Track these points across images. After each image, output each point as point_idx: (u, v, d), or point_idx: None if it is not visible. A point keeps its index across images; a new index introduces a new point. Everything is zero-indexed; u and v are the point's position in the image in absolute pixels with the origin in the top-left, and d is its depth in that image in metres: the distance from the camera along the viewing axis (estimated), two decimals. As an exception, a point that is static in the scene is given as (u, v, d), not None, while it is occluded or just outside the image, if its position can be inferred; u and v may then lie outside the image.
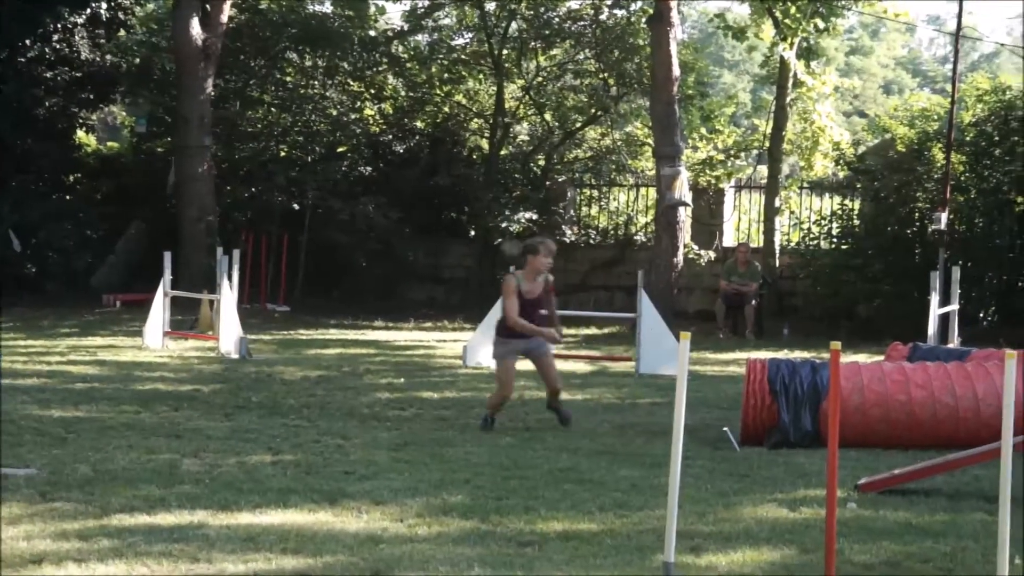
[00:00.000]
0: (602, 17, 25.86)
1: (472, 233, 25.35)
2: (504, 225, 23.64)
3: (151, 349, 16.17)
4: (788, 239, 23.78)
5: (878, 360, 12.40)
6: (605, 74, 25.74)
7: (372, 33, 27.10)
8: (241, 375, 13.92)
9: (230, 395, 12.32)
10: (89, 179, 27.04)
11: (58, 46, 25.48)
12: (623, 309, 20.58)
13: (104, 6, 26.00)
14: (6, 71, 24.07)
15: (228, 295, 16.00)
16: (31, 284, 23.29)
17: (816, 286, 21.91)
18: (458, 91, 27.22)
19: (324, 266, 24.76)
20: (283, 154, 25.24)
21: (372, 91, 26.95)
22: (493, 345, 11.04)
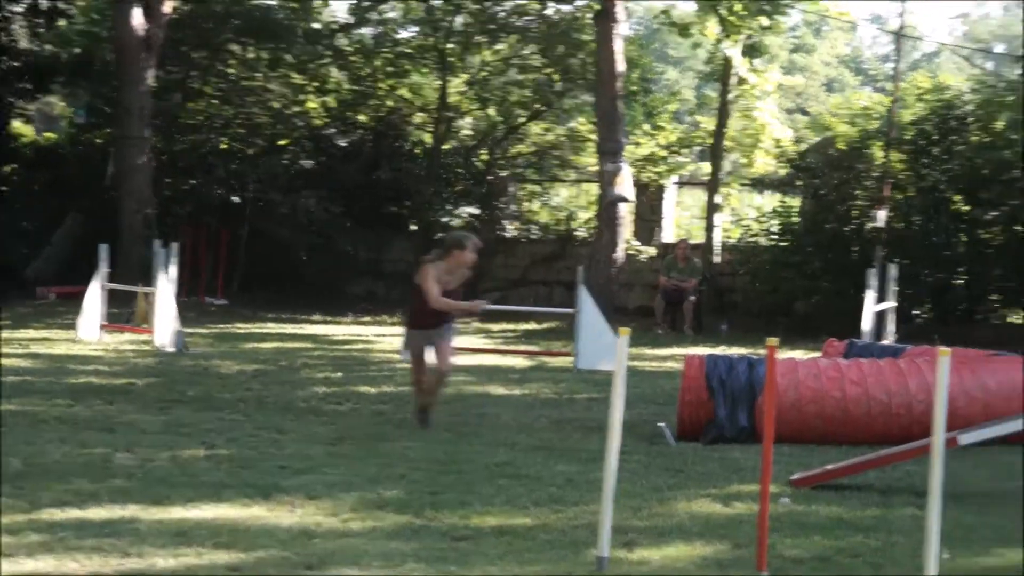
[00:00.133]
0: (548, 12, 25.87)
1: (414, 227, 25.29)
2: (445, 220, 23.61)
3: (85, 342, 16.01)
4: (728, 236, 23.91)
5: (815, 357, 12.47)
6: (550, 69, 25.75)
7: (316, 25, 26.96)
8: (177, 369, 13.81)
9: (165, 389, 12.22)
10: (26, 170, 26.69)
11: (-5, 35, 25.21)
12: (563, 304, 20.59)
13: (44, -6, 25.75)
14: (-58, 60, 23.81)
15: (165, 288, 15.87)
16: (-36, 276, 22.99)
17: (755, 283, 22.05)
18: (402, 85, 27.14)
19: (264, 259, 24.60)
20: (224, 146, 25.09)
21: (315, 84, 26.82)
22: (404, 337, 10.77)
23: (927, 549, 5.46)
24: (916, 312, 20.16)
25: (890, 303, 16.65)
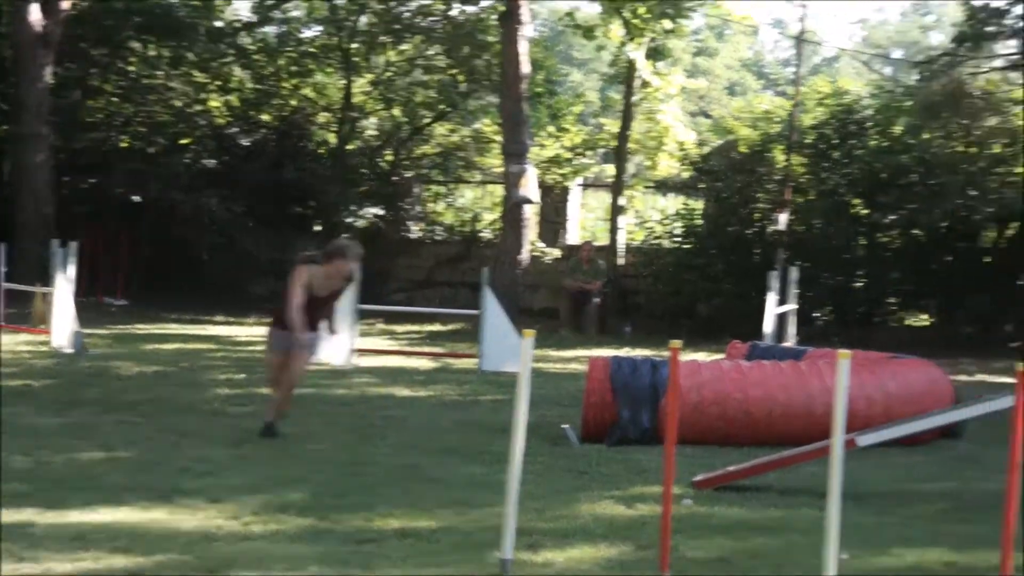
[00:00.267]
0: (453, 13, 25.86)
1: (318, 228, 25.13)
2: (350, 220, 23.50)
3: (-19, 343, 15.71)
4: (632, 238, 24.05)
5: (718, 358, 12.58)
6: (455, 70, 25.74)
7: (219, 23, 26.71)
8: (75, 370, 13.58)
9: (62, 390, 12.00)
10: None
11: None
12: (467, 306, 20.53)
13: (-63, -12, 25.21)
14: None
15: (63, 288, 15.61)
16: None
17: (658, 285, 22.20)
18: (306, 84, 26.97)
19: (165, 259, 24.33)
20: (125, 145, 24.74)
21: (218, 82, 26.56)
22: (268, 338, 10.34)
23: (826, 549, 5.51)
24: (817, 314, 20.42)
25: (791, 305, 16.85)
